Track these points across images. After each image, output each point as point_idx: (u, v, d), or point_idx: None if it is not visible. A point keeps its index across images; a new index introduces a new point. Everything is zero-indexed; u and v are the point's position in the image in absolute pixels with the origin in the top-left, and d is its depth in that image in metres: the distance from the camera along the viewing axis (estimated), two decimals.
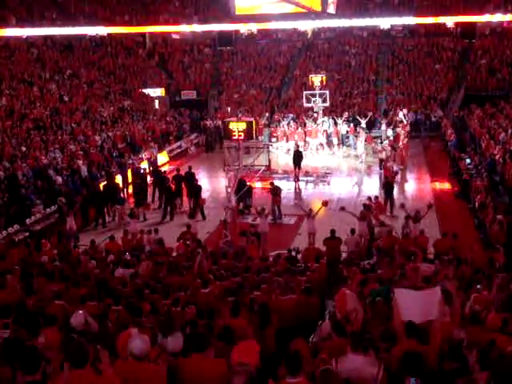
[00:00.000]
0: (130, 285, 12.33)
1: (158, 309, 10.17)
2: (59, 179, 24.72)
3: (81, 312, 8.40)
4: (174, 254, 17.41)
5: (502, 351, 6.74)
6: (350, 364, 6.33)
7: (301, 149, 30.07)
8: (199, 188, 24.63)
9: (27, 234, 20.88)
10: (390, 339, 7.70)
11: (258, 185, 26.82)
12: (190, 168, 25.84)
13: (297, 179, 28.56)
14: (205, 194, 25.05)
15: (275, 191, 23.37)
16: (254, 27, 46.57)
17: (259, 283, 12.51)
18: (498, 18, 42.03)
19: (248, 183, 23.98)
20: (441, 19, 43.56)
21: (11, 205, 21.79)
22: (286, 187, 26.93)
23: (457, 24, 43.40)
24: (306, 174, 29.16)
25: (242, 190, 23.07)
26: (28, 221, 21.64)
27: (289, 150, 33.82)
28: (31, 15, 45.85)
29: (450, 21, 43.96)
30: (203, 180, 25.47)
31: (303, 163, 29.13)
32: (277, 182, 24.92)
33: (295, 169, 28.79)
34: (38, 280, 12.29)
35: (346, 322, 8.74)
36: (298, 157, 28.87)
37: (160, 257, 15.88)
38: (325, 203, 20.49)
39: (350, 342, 6.59)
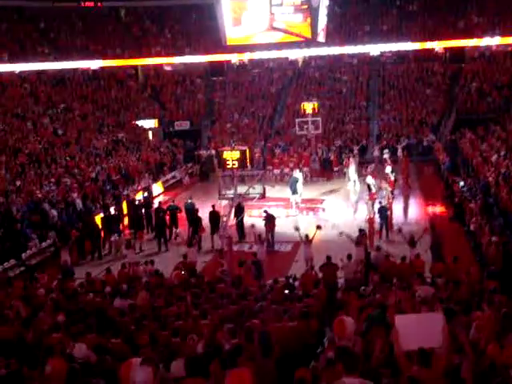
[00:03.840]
0: (129, 316, 12.29)
1: (157, 340, 10.13)
2: (54, 213, 24.70)
3: (83, 345, 8.40)
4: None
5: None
6: None
7: (297, 175, 29.79)
8: (199, 219, 24.58)
9: (23, 268, 20.81)
10: (391, 365, 7.70)
11: (251, 213, 26.75)
12: (190, 198, 25.77)
13: (296, 206, 28.44)
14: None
15: (269, 219, 23.39)
16: (245, 57, 47.05)
17: (257, 311, 12.47)
18: (486, 41, 42.55)
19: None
20: (430, 44, 44.12)
21: (6, 239, 21.74)
22: (282, 214, 26.98)
23: (446, 49, 43.91)
24: (302, 200, 29.11)
25: (241, 216, 23.29)
26: (23, 255, 21.57)
27: (284, 176, 34.00)
28: (24, 50, 46.15)
29: (438, 46, 44.51)
30: (202, 208, 25.44)
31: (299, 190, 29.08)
32: (272, 210, 24.89)
33: (293, 195, 28.65)
34: (37, 313, 12.24)
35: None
36: (294, 184, 28.75)
37: (158, 288, 15.83)
38: (318, 227, 20.64)
39: (343, 365, 6.50)
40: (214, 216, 23.49)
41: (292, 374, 7.70)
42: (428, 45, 44.46)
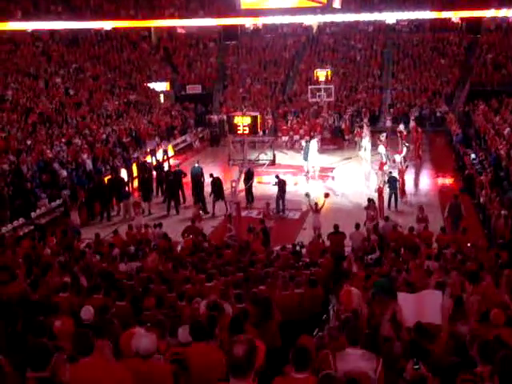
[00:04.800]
0: (136, 279, 12.36)
1: (163, 302, 10.19)
2: (64, 173, 24.78)
3: (90, 307, 8.47)
4: (179, 247, 17.49)
5: (507, 346, 6.74)
6: (348, 359, 6.29)
7: (305, 142, 29.56)
8: (202, 184, 24.55)
9: (32, 227, 20.95)
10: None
11: (262, 179, 26.74)
12: (197, 162, 25.73)
13: (307, 174, 28.31)
14: (208, 188, 24.85)
15: (280, 185, 23.39)
16: (259, 21, 46.60)
17: (264, 277, 12.52)
18: (503, 13, 41.94)
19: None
20: (446, 14, 43.54)
21: (16, 198, 21.85)
22: (291, 181, 26.93)
23: (462, 19, 43.35)
24: (312, 168, 29.00)
25: (250, 182, 23.31)
26: (33, 214, 21.70)
27: (294, 143, 33.94)
28: (37, 9, 45.82)
29: (455, 16, 43.94)
30: (207, 174, 25.40)
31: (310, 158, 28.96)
32: (281, 177, 24.86)
33: (306, 163, 28.47)
34: (44, 273, 12.32)
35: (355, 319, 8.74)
36: (306, 151, 28.57)
37: (166, 251, 15.91)
38: (326, 195, 20.65)
39: (346, 337, 6.56)
40: (216, 184, 23.39)
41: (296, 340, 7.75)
42: (445, 14, 43.87)
